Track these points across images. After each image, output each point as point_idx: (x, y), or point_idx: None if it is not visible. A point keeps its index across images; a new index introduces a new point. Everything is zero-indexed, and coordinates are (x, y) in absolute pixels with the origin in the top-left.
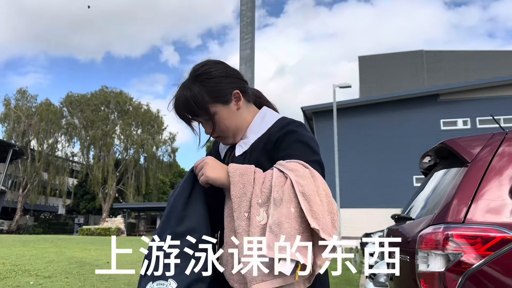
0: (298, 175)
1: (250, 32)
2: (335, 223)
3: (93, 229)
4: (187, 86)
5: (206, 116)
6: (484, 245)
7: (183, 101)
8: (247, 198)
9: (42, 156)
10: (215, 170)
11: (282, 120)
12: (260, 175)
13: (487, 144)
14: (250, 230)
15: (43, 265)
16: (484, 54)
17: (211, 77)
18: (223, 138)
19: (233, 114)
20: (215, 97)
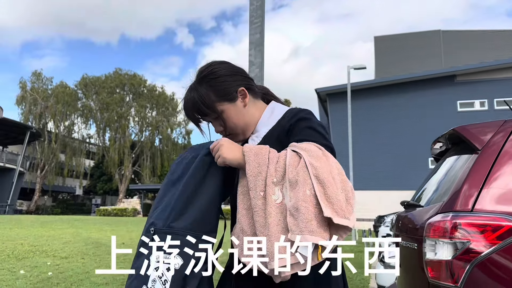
0: (312, 155)
1: (260, 16)
2: (350, 200)
3: (110, 210)
4: (194, 88)
5: (214, 115)
6: (493, 234)
7: (191, 102)
8: (262, 177)
9: (59, 138)
10: (232, 151)
11: (291, 110)
12: (274, 154)
13: (499, 131)
14: (267, 209)
15: (60, 246)
16: (503, 33)
17: (216, 77)
18: (233, 136)
19: (240, 111)
20: (221, 96)
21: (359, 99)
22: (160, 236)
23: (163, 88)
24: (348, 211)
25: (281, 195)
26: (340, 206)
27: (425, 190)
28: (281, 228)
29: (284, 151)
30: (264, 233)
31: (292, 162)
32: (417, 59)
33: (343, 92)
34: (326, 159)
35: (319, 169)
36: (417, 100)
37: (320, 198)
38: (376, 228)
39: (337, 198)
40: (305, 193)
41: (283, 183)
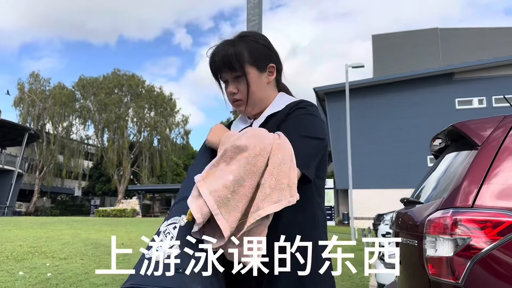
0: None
1: (257, 14)
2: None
3: (109, 211)
4: (231, 43)
5: (239, 73)
6: (493, 230)
7: (223, 54)
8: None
9: (57, 139)
10: (215, 135)
11: (298, 100)
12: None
13: (498, 126)
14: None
15: (59, 247)
16: (501, 31)
17: (256, 41)
18: (241, 104)
19: (262, 84)
20: (253, 60)
21: (358, 97)
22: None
23: (161, 88)
24: (272, 199)
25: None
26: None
27: (424, 187)
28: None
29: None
30: None
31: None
32: (415, 57)
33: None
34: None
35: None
36: (416, 98)
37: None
38: (376, 226)
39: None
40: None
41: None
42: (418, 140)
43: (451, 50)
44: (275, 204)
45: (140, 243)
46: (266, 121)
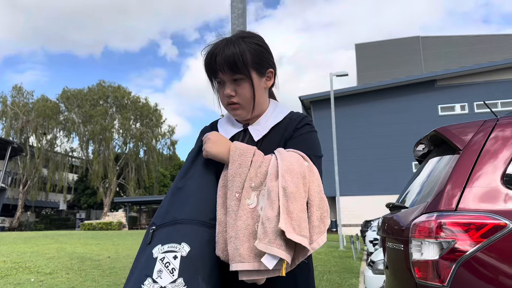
0: (288, 168)
1: (241, 24)
2: (324, 220)
3: (95, 224)
4: (234, 42)
5: (241, 76)
6: (477, 232)
7: (228, 54)
8: (241, 179)
9: (41, 152)
10: (216, 145)
11: (298, 113)
12: (258, 158)
13: (479, 130)
14: (239, 212)
15: (44, 262)
16: (480, 38)
17: (259, 44)
18: (237, 108)
19: (260, 88)
20: (255, 63)
21: (342, 105)
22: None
23: (146, 99)
24: (320, 230)
25: (256, 201)
26: (298, 223)
27: (409, 191)
28: (248, 233)
29: (270, 155)
30: (231, 234)
31: (274, 172)
32: (398, 65)
33: (327, 99)
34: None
35: (289, 182)
36: (399, 105)
37: (281, 210)
38: (363, 233)
39: (298, 215)
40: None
41: (261, 189)
42: (402, 146)
43: (432, 57)
44: (323, 235)
45: (127, 257)
46: (269, 132)
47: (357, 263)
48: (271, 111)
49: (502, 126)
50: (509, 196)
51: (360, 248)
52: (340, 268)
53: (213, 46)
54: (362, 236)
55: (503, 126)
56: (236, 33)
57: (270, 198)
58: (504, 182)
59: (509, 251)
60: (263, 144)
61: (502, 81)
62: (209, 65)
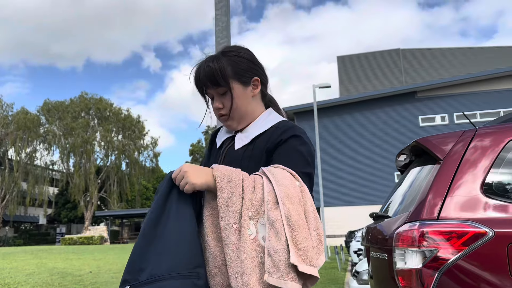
0: (287, 194)
1: (225, 37)
2: (321, 239)
3: (76, 238)
4: (214, 59)
5: (224, 89)
6: (458, 240)
7: (208, 70)
8: (236, 209)
9: (21, 166)
10: (199, 175)
11: (286, 122)
12: (248, 183)
13: (459, 141)
14: (241, 244)
15: (23, 278)
16: (459, 51)
17: (239, 56)
18: (227, 119)
19: (247, 98)
20: (237, 74)
21: (325, 117)
22: None
23: (129, 110)
24: (319, 251)
25: (255, 230)
26: (306, 253)
27: (392, 201)
28: (253, 266)
29: (260, 178)
30: (235, 269)
31: (271, 199)
32: (379, 77)
33: (310, 111)
34: (300, 197)
35: (291, 211)
36: (381, 116)
37: (289, 242)
38: (348, 243)
39: (305, 244)
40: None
41: (258, 218)
42: (384, 156)
43: (413, 69)
44: (322, 255)
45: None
46: (252, 141)
47: (341, 274)
48: (262, 120)
49: (481, 136)
50: (489, 205)
51: (344, 258)
52: (325, 279)
53: (198, 65)
54: (347, 247)
55: (482, 136)
56: (220, 48)
57: (274, 228)
58: (483, 190)
59: (489, 258)
60: (245, 153)
61: (480, 92)
62: (196, 83)
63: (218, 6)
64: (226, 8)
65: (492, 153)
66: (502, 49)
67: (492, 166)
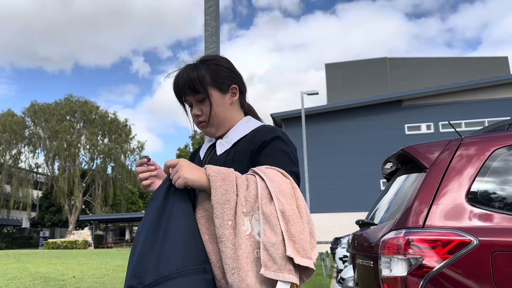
0: (280, 190)
1: (215, 42)
2: (313, 234)
3: (59, 243)
4: (193, 66)
5: (203, 96)
6: (443, 248)
7: (186, 78)
8: (231, 206)
9: (4, 168)
10: (193, 172)
11: (267, 126)
12: (242, 181)
13: (444, 149)
14: (237, 240)
15: (4, 283)
16: (445, 60)
17: (217, 64)
18: (207, 125)
19: (225, 105)
20: (215, 81)
21: (313, 123)
22: None
23: (115, 114)
24: (312, 245)
25: (250, 226)
26: (302, 245)
27: (378, 209)
28: (250, 261)
29: (252, 176)
30: (232, 266)
31: (266, 195)
32: (366, 85)
33: (298, 117)
34: (293, 193)
35: (285, 205)
36: (367, 124)
37: (285, 235)
38: (333, 250)
39: (300, 237)
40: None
41: (253, 214)
42: (371, 164)
43: (399, 78)
44: (315, 249)
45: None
46: (233, 146)
47: (327, 281)
48: (241, 126)
49: (467, 145)
50: (474, 213)
51: (330, 265)
52: (310, 286)
53: (177, 73)
54: (332, 253)
55: (468, 145)
56: (199, 57)
57: (270, 223)
58: (469, 199)
59: (473, 267)
60: (227, 157)
61: (465, 102)
62: (175, 90)
63: (208, 11)
64: (215, 14)
65: (477, 162)
66: (487, 59)
67: (477, 175)
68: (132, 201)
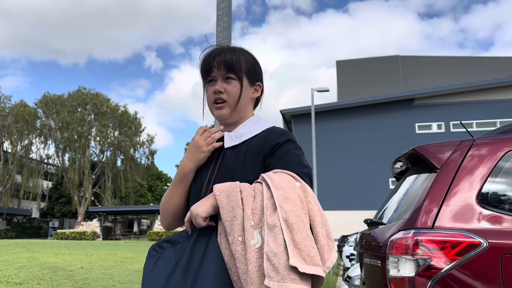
0: (285, 197)
1: (226, 37)
2: (330, 235)
3: (68, 233)
4: (233, 50)
5: (236, 77)
6: (452, 250)
7: (225, 56)
8: (239, 222)
9: (16, 158)
10: (200, 205)
11: (278, 128)
12: (247, 193)
13: (456, 150)
14: (247, 255)
15: (14, 271)
16: (458, 60)
17: (253, 58)
18: (223, 106)
19: (248, 96)
20: (248, 71)
21: (322, 120)
22: None
23: (125, 107)
24: (329, 248)
25: (260, 239)
26: (307, 252)
27: (387, 208)
28: (261, 274)
29: (259, 185)
30: (247, 281)
31: (270, 205)
32: (377, 83)
33: (307, 114)
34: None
35: (289, 213)
36: (378, 122)
37: (288, 244)
38: (340, 248)
39: (305, 244)
40: (282, 238)
41: (262, 225)
42: (380, 162)
43: (411, 76)
44: (333, 252)
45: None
46: (243, 142)
47: (333, 278)
48: (251, 123)
49: (478, 146)
50: (483, 215)
51: (336, 263)
52: None
53: (214, 48)
54: (339, 251)
55: (479, 146)
56: (229, 46)
57: (273, 232)
58: (479, 201)
59: (482, 269)
60: (239, 155)
61: (477, 102)
62: (207, 61)
63: (220, 6)
64: (228, 9)
65: (488, 164)
66: (501, 59)
67: (488, 177)
68: (140, 194)
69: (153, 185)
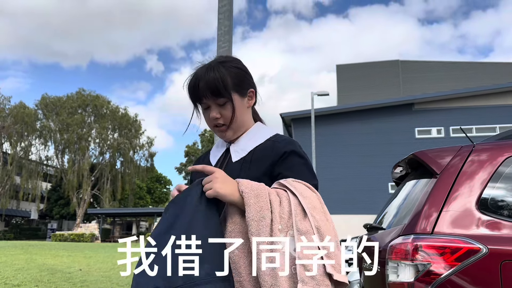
0: (313, 206)
1: (227, 41)
2: (339, 247)
3: (67, 235)
4: (213, 68)
5: (225, 100)
6: (452, 256)
7: (207, 80)
8: (266, 223)
9: (15, 160)
10: (226, 186)
11: (282, 136)
12: (274, 197)
13: (456, 155)
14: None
15: (12, 273)
16: (458, 65)
17: (237, 67)
18: (224, 129)
19: (244, 108)
20: (236, 85)
21: (322, 124)
22: None
23: (126, 109)
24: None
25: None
26: (338, 261)
27: (386, 213)
28: (287, 278)
29: (283, 191)
30: (270, 282)
31: (299, 212)
32: (377, 87)
33: (307, 117)
34: (321, 207)
35: (320, 222)
36: (377, 127)
37: (322, 252)
38: None
39: (335, 253)
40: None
41: (287, 230)
42: (379, 167)
43: (411, 81)
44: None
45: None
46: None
47: None
48: (253, 133)
49: (478, 152)
50: (483, 221)
51: None
52: None
53: (194, 74)
54: None
55: (479, 152)
56: (214, 59)
57: (306, 238)
58: (479, 207)
59: (482, 275)
60: (244, 164)
61: (477, 107)
62: (193, 92)
63: (221, 10)
64: (229, 13)
65: (488, 170)
66: (501, 65)
67: (488, 183)
68: (139, 196)
69: (152, 187)
